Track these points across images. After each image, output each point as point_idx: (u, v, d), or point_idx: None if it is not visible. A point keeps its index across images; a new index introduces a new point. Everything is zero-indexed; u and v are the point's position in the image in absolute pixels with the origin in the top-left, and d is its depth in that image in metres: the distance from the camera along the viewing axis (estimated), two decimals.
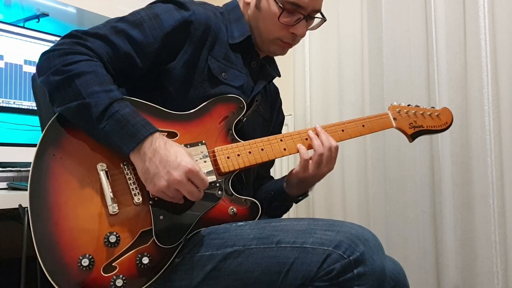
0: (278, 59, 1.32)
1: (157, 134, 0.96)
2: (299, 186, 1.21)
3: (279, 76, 1.31)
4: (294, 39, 1.20)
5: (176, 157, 0.93)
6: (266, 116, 1.31)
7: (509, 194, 1.70)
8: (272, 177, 1.40)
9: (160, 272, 0.97)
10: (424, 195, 1.93)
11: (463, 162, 1.83)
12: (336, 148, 1.15)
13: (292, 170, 1.20)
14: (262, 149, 1.12)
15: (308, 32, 1.25)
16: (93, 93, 0.95)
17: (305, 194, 1.25)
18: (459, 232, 1.83)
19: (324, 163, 1.14)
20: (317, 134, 1.16)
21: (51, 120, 1.00)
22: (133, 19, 1.07)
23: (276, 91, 1.40)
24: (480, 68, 1.77)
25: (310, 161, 1.14)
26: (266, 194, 1.27)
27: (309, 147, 1.15)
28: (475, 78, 1.78)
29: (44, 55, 1.01)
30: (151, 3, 1.13)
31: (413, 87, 1.97)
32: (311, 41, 2.28)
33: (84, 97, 0.94)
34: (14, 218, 1.56)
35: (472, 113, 1.79)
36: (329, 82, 2.24)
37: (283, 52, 1.24)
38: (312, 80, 2.28)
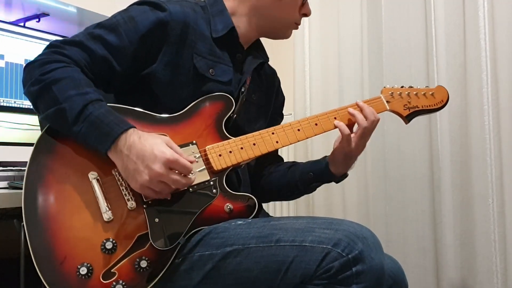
0: (278, 58, 1.32)
1: (131, 130, 0.96)
2: (345, 161, 1.22)
3: (267, 60, 1.32)
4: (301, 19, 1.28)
5: (153, 150, 0.94)
6: (261, 103, 1.31)
7: (509, 194, 1.70)
8: (282, 158, 1.41)
9: (160, 275, 0.97)
10: (424, 195, 1.94)
11: (462, 161, 1.83)
12: (378, 120, 1.21)
13: (335, 149, 1.22)
14: (254, 144, 1.11)
15: (308, 32, 1.28)
16: (69, 97, 0.96)
17: (345, 175, 1.27)
18: (459, 231, 1.83)
19: (366, 135, 1.19)
20: (361, 108, 1.19)
21: (42, 132, 1.02)
22: (109, 23, 1.08)
23: (272, 73, 1.40)
24: (479, 68, 1.77)
25: (353, 134, 1.18)
26: (302, 175, 1.28)
27: (301, 138, 1.17)
28: (474, 78, 1.79)
29: (26, 67, 1.04)
30: (128, 6, 1.13)
31: None
32: (311, 41, 2.28)
33: (61, 102, 0.96)
34: (15, 218, 1.56)
35: (471, 113, 1.79)
36: (329, 81, 2.24)
37: (290, 34, 1.30)
38: (312, 80, 2.28)
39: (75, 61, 1.03)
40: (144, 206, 0.99)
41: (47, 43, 1.82)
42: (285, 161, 1.41)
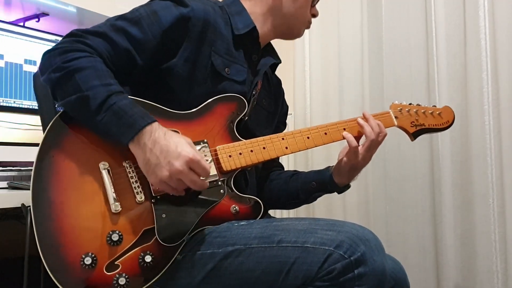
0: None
1: (155, 125, 0.96)
2: (350, 173, 1.23)
3: (280, 62, 1.33)
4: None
5: (177, 147, 0.94)
6: (270, 109, 1.32)
7: (509, 193, 1.70)
8: (283, 166, 1.41)
9: (163, 271, 0.97)
10: (424, 195, 1.94)
11: (463, 161, 1.84)
12: (385, 134, 1.21)
13: (341, 160, 1.22)
14: (264, 148, 1.12)
15: (308, 32, 1.30)
16: (92, 87, 0.96)
17: (347, 186, 1.27)
18: (459, 231, 1.83)
19: (373, 147, 1.20)
20: (367, 119, 1.20)
21: (53, 120, 1.00)
22: (132, 16, 1.08)
23: (278, 82, 1.41)
24: (480, 67, 1.77)
25: (360, 147, 1.18)
26: (305, 185, 1.28)
27: (310, 146, 1.17)
28: (475, 78, 1.79)
29: (46, 54, 1.02)
30: (150, 0, 1.14)
31: (413, 87, 1.97)
32: (311, 41, 2.28)
33: (83, 90, 0.95)
34: (15, 218, 1.56)
35: (472, 112, 1.80)
36: (329, 81, 2.24)
37: (303, 33, 1.34)
38: (312, 80, 2.29)
39: (98, 52, 1.02)
40: (153, 200, 0.99)
41: (47, 43, 1.85)
42: (285, 169, 1.41)
